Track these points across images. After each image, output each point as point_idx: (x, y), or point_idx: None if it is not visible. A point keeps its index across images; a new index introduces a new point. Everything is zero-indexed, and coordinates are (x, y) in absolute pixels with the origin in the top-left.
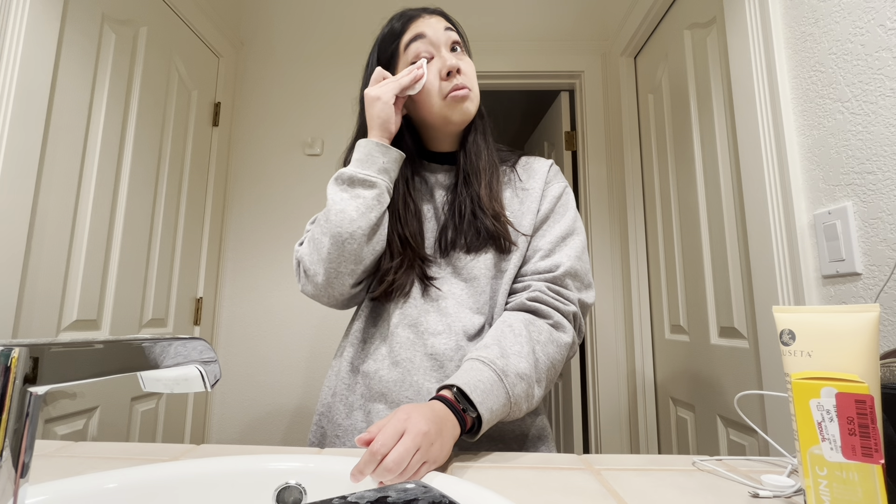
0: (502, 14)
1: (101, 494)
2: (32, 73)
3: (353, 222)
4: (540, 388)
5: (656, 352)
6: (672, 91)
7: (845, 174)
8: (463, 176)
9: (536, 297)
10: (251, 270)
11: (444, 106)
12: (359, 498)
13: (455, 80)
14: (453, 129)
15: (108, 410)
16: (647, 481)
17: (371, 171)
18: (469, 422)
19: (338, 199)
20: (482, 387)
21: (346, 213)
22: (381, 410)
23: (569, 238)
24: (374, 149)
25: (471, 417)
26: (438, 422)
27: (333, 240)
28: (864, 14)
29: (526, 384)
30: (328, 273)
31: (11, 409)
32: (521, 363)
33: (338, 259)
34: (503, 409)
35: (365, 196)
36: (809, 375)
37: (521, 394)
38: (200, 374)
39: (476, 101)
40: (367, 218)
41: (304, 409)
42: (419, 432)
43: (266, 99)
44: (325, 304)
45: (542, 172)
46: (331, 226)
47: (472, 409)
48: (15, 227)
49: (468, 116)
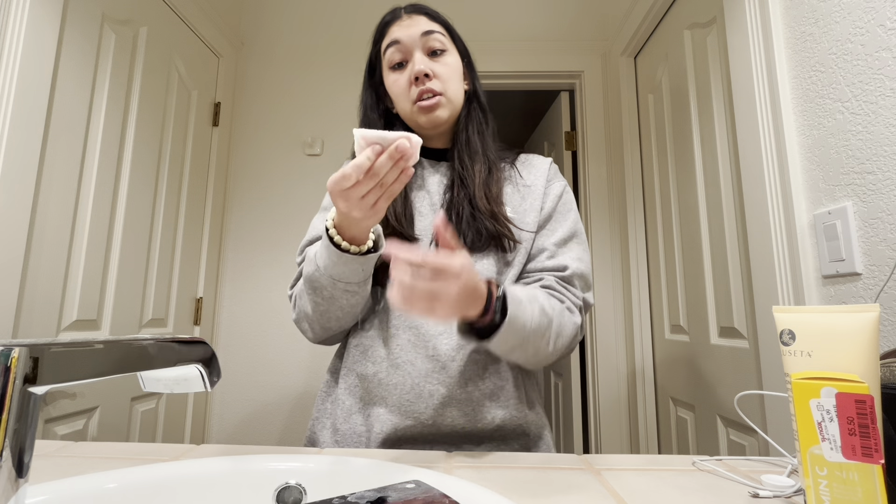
0: (502, 14)
1: (101, 494)
2: (32, 73)
3: (341, 309)
4: (547, 347)
5: (656, 352)
6: (672, 91)
7: (845, 174)
8: (458, 178)
9: (549, 286)
10: (251, 270)
11: (414, 112)
12: (359, 498)
13: (419, 86)
14: (428, 134)
15: (108, 410)
16: (647, 481)
17: (356, 279)
18: (489, 314)
19: (326, 291)
20: (516, 296)
21: (337, 301)
22: (382, 414)
23: (572, 240)
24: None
25: (488, 321)
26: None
27: (321, 318)
28: (864, 14)
29: (543, 322)
30: (316, 332)
31: (11, 409)
32: (545, 302)
33: (326, 326)
34: (518, 329)
35: (351, 302)
36: (809, 375)
37: (538, 330)
38: (200, 374)
39: (449, 105)
40: (354, 310)
41: (305, 409)
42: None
43: (266, 99)
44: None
45: (542, 169)
46: (317, 305)
47: (501, 317)
48: (15, 227)
49: (439, 123)
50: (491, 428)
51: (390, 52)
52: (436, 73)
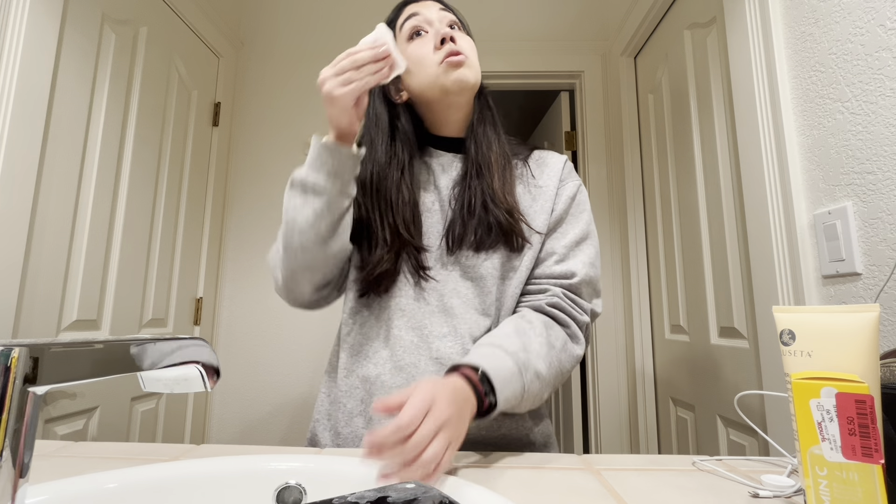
0: (502, 14)
1: (101, 494)
2: (32, 73)
3: (302, 233)
4: (547, 392)
5: (656, 352)
6: (672, 91)
7: (845, 174)
8: (475, 167)
9: (555, 304)
10: (251, 270)
11: (439, 73)
12: (359, 498)
13: (448, 46)
14: (453, 102)
15: (108, 410)
16: (647, 481)
17: (321, 175)
18: (485, 405)
19: (289, 208)
20: (504, 374)
21: (297, 222)
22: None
23: (583, 243)
24: (322, 150)
25: (489, 402)
26: (460, 405)
27: (286, 249)
28: (864, 14)
29: (539, 385)
30: (286, 280)
31: (11, 409)
32: (539, 363)
33: (292, 267)
34: (514, 401)
35: (314, 205)
36: (809, 375)
37: (533, 392)
38: (200, 374)
39: (475, 72)
40: (317, 228)
41: (305, 409)
42: (448, 421)
43: (266, 99)
44: (290, 304)
45: (556, 169)
46: (283, 235)
47: (493, 394)
48: (15, 227)
49: (466, 85)
50: (496, 435)
51: (409, 24)
52: (459, 41)
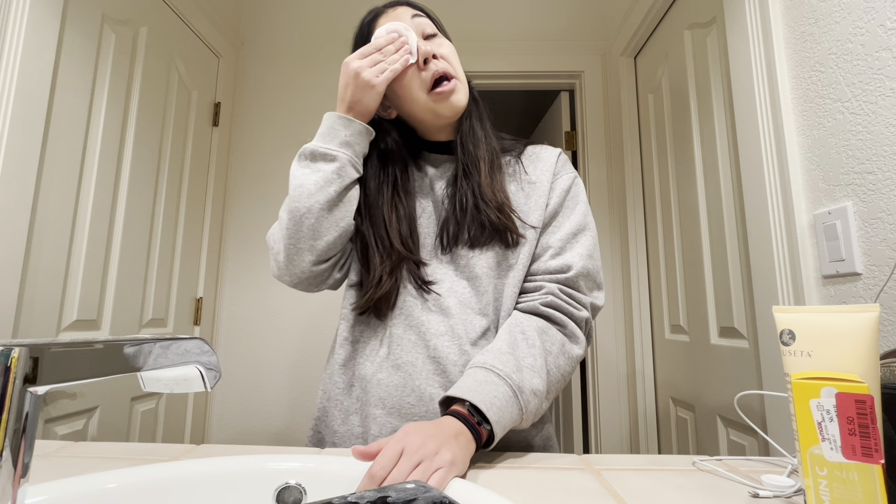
0: (502, 14)
1: (101, 494)
2: (32, 73)
3: (310, 196)
4: (548, 402)
5: (656, 352)
6: (672, 91)
7: (845, 174)
8: (463, 168)
9: (551, 303)
10: (251, 270)
11: (429, 101)
12: (359, 498)
13: (432, 66)
14: (445, 123)
15: (108, 410)
16: (647, 481)
17: (332, 144)
18: (484, 435)
19: (298, 174)
20: (498, 403)
21: (305, 187)
22: (379, 416)
23: (580, 235)
24: (335, 122)
25: (486, 430)
26: (444, 436)
27: (291, 214)
28: (864, 14)
29: (538, 401)
30: (287, 249)
31: (11, 409)
32: (535, 379)
33: (296, 234)
34: (513, 425)
35: (324, 170)
36: (809, 375)
37: (533, 410)
38: (200, 374)
39: (463, 89)
40: (326, 192)
41: (305, 409)
42: (416, 448)
43: (266, 99)
44: (289, 284)
45: (549, 163)
46: (290, 200)
47: (487, 423)
48: (15, 227)
49: (459, 110)
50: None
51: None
52: (441, 55)
